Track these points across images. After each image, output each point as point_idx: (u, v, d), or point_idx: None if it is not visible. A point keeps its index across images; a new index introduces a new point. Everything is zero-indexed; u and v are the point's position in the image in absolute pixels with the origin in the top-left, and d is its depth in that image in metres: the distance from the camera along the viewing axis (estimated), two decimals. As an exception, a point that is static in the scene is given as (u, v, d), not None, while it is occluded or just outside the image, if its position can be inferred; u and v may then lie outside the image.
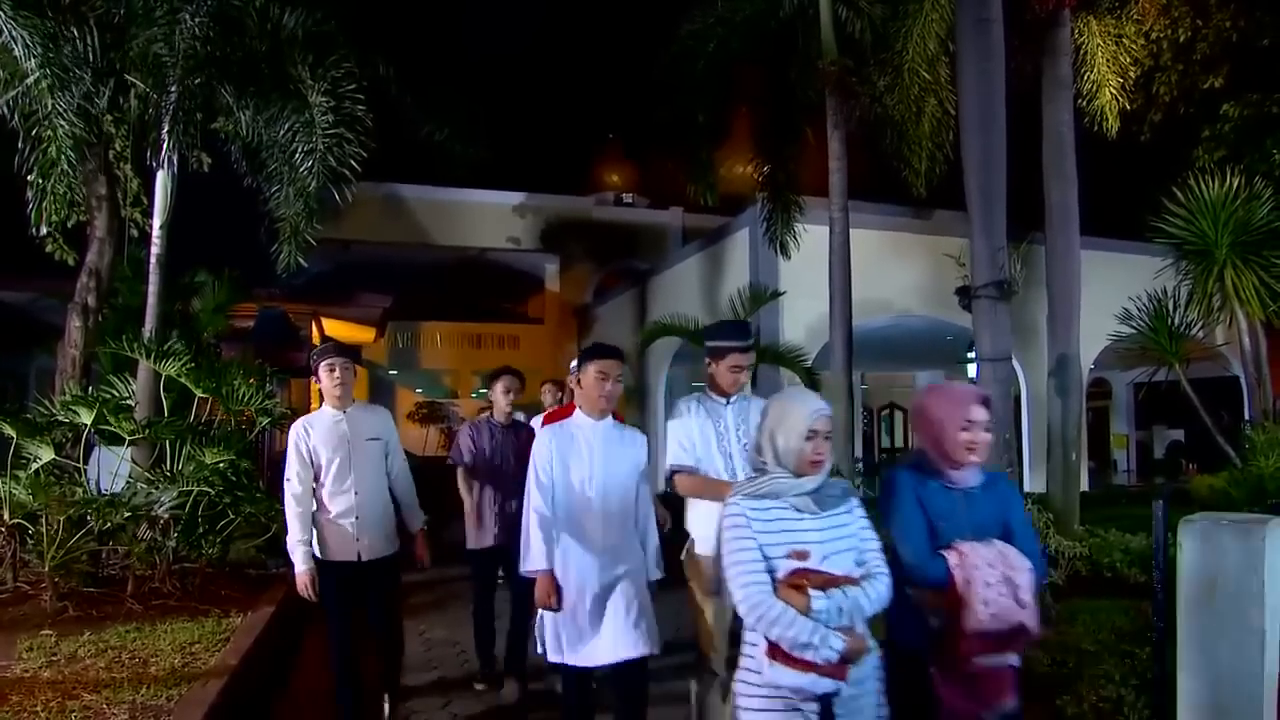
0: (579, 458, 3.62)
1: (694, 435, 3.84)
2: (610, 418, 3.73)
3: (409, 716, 4.83)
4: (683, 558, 3.95)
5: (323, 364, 4.26)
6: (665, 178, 22.51)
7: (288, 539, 4.19)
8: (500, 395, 5.56)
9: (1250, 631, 2.97)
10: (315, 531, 4.23)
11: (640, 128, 25.10)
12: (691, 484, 3.80)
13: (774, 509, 2.49)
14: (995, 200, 6.16)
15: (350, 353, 4.37)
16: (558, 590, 3.52)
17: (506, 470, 5.35)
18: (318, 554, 4.20)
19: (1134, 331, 7.55)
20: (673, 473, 3.85)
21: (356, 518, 4.23)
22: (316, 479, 4.25)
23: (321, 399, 4.45)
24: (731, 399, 3.90)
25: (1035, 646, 4.82)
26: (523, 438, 5.26)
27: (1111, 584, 6.45)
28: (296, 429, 4.29)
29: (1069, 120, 7.91)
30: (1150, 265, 8.00)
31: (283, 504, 4.24)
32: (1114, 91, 9.35)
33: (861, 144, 10.67)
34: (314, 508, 4.22)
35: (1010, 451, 6.03)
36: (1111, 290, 9.04)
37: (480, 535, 5.41)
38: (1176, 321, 7.33)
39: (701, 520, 3.80)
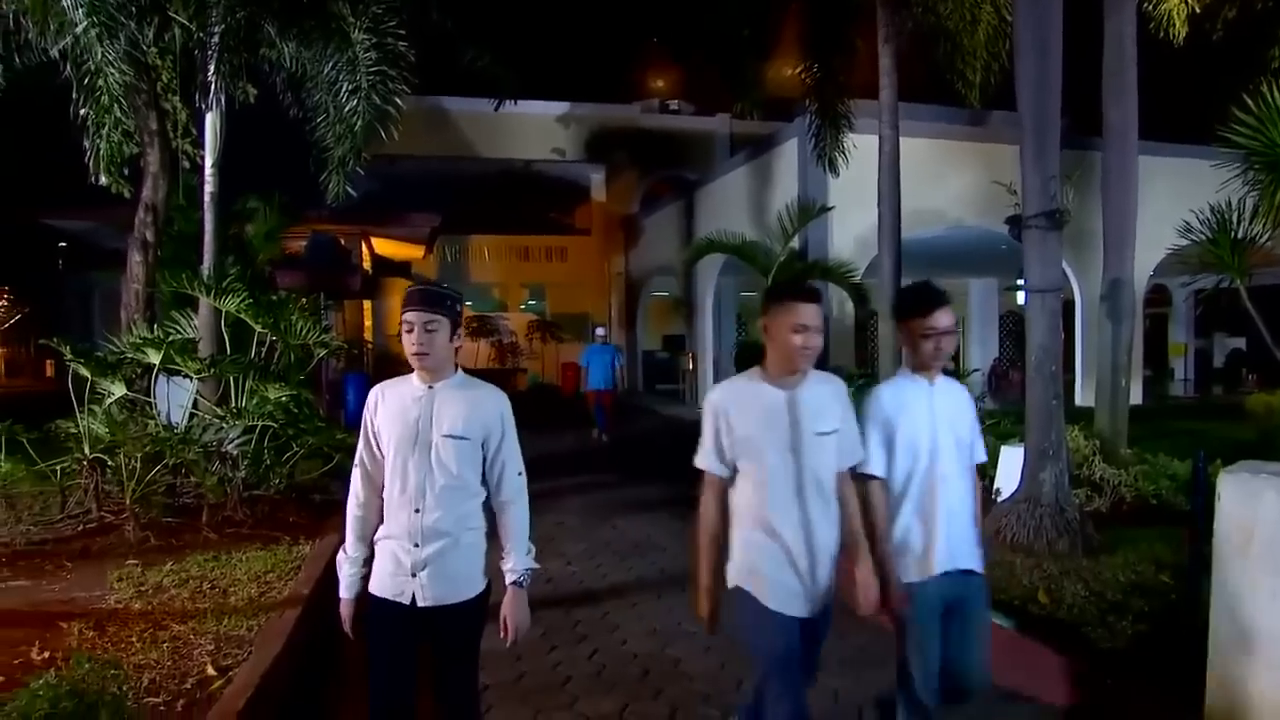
0: None
1: None
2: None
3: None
4: None
5: (402, 318, 2.80)
6: (711, 83, 21.97)
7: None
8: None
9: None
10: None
11: (686, 31, 24.32)
12: None
13: None
14: (1049, 127, 5.93)
15: (439, 301, 2.80)
16: None
17: None
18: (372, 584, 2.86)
19: (1194, 244, 7.32)
20: None
21: (415, 544, 2.77)
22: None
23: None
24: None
25: (1070, 577, 4.95)
26: None
27: (1157, 512, 6.49)
28: (370, 397, 2.93)
29: (1132, 34, 7.45)
30: (1216, 172, 7.69)
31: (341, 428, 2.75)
32: (1183, -6, 8.81)
33: (914, 50, 10.30)
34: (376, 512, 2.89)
35: (1057, 383, 5.97)
36: (1174, 197, 8.70)
37: None
38: (1241, 234, 7.07)
39: None
